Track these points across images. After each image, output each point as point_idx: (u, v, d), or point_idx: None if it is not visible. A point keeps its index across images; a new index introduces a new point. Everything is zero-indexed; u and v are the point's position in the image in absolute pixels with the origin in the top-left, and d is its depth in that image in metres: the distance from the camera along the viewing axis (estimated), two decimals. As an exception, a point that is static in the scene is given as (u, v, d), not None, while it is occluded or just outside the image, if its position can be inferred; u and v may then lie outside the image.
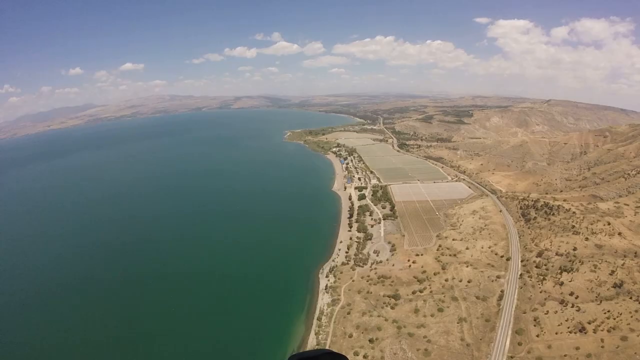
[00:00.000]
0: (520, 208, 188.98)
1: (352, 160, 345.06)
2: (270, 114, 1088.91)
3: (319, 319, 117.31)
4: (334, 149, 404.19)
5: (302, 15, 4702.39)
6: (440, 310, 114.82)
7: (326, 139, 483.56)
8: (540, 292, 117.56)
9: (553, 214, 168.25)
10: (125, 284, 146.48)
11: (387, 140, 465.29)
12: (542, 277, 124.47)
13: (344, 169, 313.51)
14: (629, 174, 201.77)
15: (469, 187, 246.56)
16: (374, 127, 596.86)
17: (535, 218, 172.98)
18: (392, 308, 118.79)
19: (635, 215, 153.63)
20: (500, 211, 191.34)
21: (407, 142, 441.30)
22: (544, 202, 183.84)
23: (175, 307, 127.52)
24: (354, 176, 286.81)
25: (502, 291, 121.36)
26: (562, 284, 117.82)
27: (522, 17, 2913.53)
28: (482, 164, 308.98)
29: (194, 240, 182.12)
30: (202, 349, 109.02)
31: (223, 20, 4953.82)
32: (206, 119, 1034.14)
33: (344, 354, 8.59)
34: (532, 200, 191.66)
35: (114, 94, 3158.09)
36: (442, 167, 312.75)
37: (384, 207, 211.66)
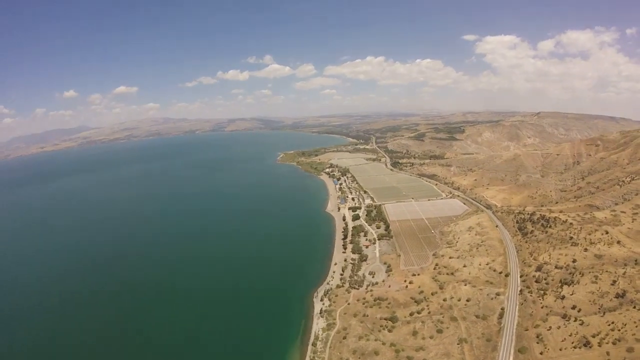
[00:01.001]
0: (517, 222, 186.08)
1: (345, 181, 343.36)
2: (264, 136, 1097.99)
3: (314, 344, 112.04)
4: (327, 170, 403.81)
5: (294, 37, 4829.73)
6: (440, 331, 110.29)
7: (319, 159, 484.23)
8: (542, 308, 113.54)
9: (550, 227, 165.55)
10: (119, 304, 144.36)
11: (380, 160, 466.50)
12: (542, 292, 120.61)
13: (338, 190, 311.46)
14: (623, 181, 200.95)
15: (464, 204, 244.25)
16: (367, 147, 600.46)
17: (532, 232, 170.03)
18: (390, 331, 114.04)
19: (632, 222, 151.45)
20: (497, 226, 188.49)
21: (400, 161, 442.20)
22: (540, 214, 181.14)
23: (167, 333, 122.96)
24: (347, 196, 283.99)
25: (502, 309, 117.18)
26: (563, 297, 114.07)
27: (509, 33, 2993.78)
28: (475, 180, 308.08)
29: (186, 266, 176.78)
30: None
31: (216, 44, 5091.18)
32: (200, 141, 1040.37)
33: None
34: (528, 214, 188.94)
35: (107, 116, 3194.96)
36: (436, 184, 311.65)
37: (378, 227, 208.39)
